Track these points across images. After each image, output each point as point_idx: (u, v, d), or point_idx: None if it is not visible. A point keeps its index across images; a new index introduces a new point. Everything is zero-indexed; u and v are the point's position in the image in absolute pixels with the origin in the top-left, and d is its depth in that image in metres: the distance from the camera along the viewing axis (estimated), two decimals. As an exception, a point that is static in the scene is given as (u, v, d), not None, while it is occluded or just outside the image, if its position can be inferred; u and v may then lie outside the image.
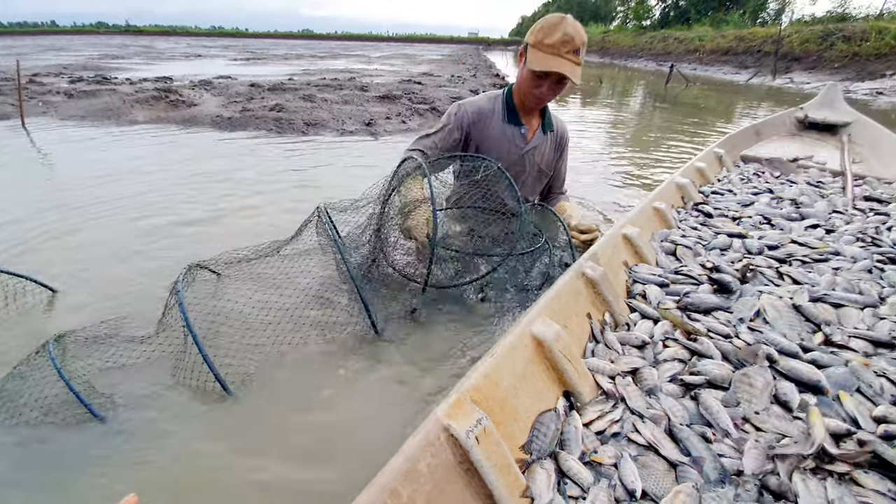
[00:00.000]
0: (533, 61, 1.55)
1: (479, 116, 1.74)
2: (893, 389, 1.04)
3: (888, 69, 12.33)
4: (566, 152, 1.99)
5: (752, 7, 27.12)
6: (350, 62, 17.40)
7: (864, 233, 1.84)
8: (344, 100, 6.05)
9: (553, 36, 1.50)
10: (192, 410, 1.23)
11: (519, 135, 1.77)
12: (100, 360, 1.35)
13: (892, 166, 2.76)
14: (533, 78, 1.60)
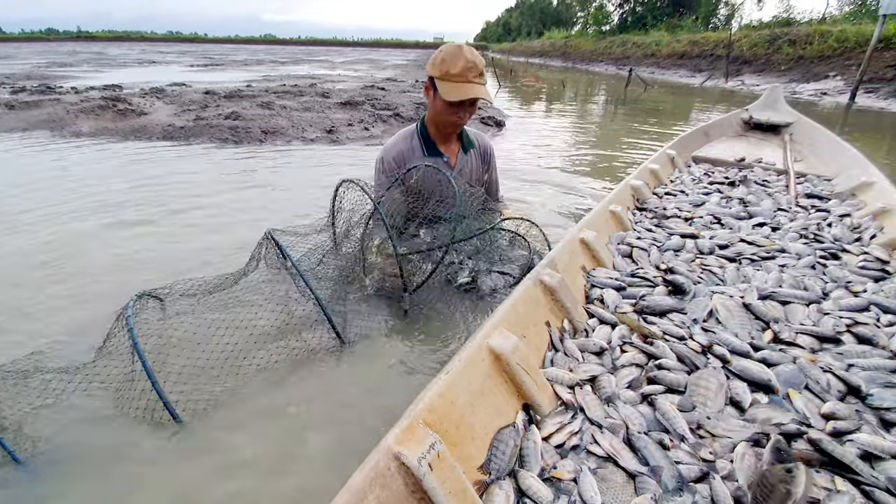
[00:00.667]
0: (447, 92, 1.61)
1: (402, 159, 1.80)
2: (840, 385, 1.07)
3: (831, 71, 13.10)
4: (493, 163, 2.05)
5: (703, 13, 28.38)
6: (313, 68, 17.13)
7: (806, 229, 1.92)
8: (304, 107, 5.92)
9: (457, 65, 1.59)
10: (136, 442, 1.14)
11: (443, 164, 1.83)
12: (30, 397, 1.24)
13: (831, 164, 2.91)
14: (449, 107, 1.66)
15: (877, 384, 1.05)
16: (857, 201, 2.24)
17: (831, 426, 0.97)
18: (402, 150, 1.82)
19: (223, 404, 1.26)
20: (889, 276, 1.52)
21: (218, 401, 1.27)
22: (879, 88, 11.10)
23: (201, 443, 1.15)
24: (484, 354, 1.01)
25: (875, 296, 1.39)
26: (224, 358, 1.36)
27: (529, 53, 38.27)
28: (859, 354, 1.15)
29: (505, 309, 1.15)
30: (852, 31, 13.62)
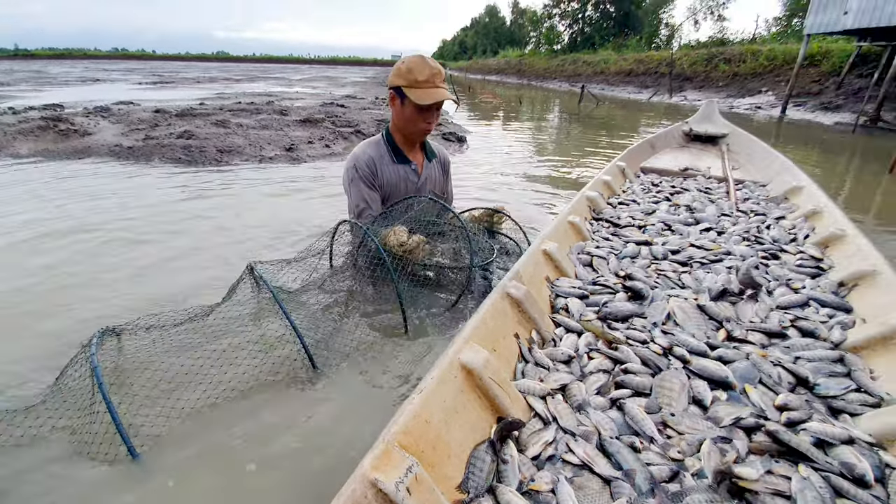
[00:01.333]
0: (420, 97, 1.68)
1: (373, 164, 1.84)
2: (789, 377, 1.14)
3: (763, 86, 14.18)
4: (450, 174, 2.16)
5: (646, 33, 30.24)
6: (269, 85, 16.86)
7: (748, 232, 2.06)
8: (262, 125, 5.80)
9: (424, 72, 1.68)
10: (95, 482, 1.06)
11: (411, 171, 1.90)
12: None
13: (765, 171, 3.14)
14: (419, 113, 1.74)
15: (822, 374, 1.13)
16: (789, 204, 2.43)
17: (786, 417, 1.03)
18: (372, 156, 1.85)
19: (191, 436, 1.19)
20: (823, 272, 1.65)
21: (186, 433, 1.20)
22: (807, 102, 12.10)
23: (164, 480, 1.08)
24: (456, 370, 1.01)
25: (813, 291, 1.50)
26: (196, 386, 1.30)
27: (486, 71, 39.28)
28: (804, 347, 1.24)
29: (474, 323, 1.16)
30: (780, 49, 14.83)
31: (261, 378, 1.38)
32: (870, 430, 0.97)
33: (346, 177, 1.87)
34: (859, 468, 0.88)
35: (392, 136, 1.89)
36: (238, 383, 1.34)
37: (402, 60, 1.73)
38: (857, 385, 1.09)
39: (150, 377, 1.32)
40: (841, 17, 10.63)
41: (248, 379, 1.36)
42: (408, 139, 1.88)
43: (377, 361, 1.50)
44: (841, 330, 1.27)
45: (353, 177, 1.84)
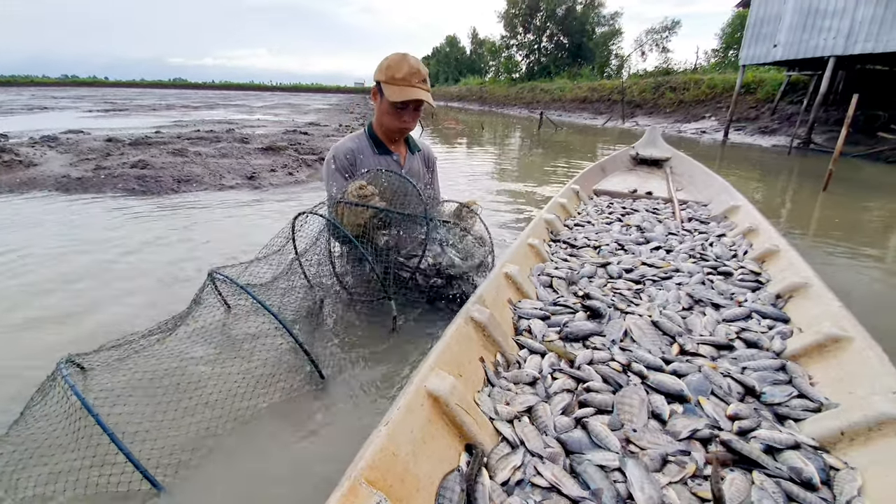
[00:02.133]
0: (392, 94, 1.69)
1: (353, 155, 1.86)
2: (738, 387, 1.20)
3: (707, 112, 15.19)
4: (436, 170, 2.18)
5: (598, 63, 31.98)
6: (230, 112, 16.61)
7: (693, 250, 2.18)
8: (221, 153, 5.68)
9: (402, 70, 1.68)
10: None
11: (393, 162, 1.91)
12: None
13: (705, 191, 3.36)
14: (394, 110, 1.76)
15: (767, 383, 1.20)
16: (729, 222, 2.60)
17: (737, 426, 1.08)
18: (351, 147, 1.86)
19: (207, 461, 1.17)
20: (762, 285, 1.76)
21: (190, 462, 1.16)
22: (746, 126, 13.03)
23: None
24: (423, 399, 1.00)
25: (754, 304, 1.60)
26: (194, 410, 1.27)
27: (448, 98, 40.24)
28: (749, 358, 1.31)
29: (439, 349, 1.16)
30: (719, 79, 15.99)
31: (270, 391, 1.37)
32: (812, 434, 1.03)
33: (325, 170, 1.89)
34: (806, 472, 0.93)
35: (373, 130, 1.91)
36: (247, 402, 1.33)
37: (386, 57, 1.75)
38: (798, 392, 1.16)
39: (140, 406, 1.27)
40: (771, 50, 11.62)
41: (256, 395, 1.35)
42: (387, 135, 1.90)
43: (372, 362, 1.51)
44: (781, 340, 1.36)
45: (330, 168, 1.85)
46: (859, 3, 9.36)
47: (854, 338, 1.19)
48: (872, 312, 2.37)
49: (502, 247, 2.82)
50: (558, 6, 35.59)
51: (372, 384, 1.48)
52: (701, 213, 2.88)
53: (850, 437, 0.98)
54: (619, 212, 2.95)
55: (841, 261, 3.21)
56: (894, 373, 1.05)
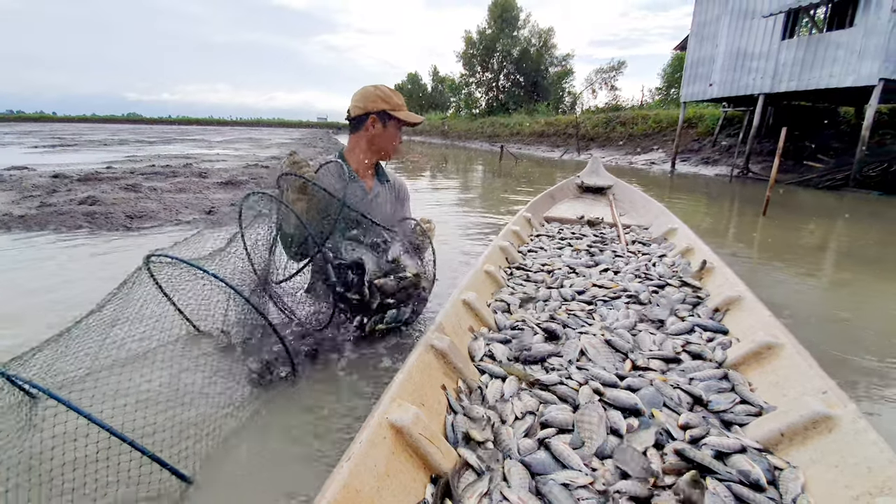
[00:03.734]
0: (409, 117, 1.88)
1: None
2: (687, 398, 1.26)
3: (655, 145, 16.20)
4: (408, 203, 2.22)
5: (553, 100, 33.76)
6: (187, 147, 16.27)
7: (639, 270, 2.30)
8: (178, 188, 5.54)
9: (399, 98, 1.88)
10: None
11: (360, 188, 1.95)
12: None
13: (645, 216, 3.60)
14: (398, 132, 1.93)
15: (712, 391, 1.27)
16: (668, 243, 2.79)
17: (688, 435, 1.12)
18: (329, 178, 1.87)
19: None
20: (702, 300, 1.88)
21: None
22: (690, 157, 13.96)
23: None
24: (385, 431, 0.98)
25: (695, 318, 1.70)
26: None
27: (412, 132, 41.13)
28: (695, 369, 1.38)
29: (401, 379, 1.15)
30: (664, 114, 17.17)
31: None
32: (756, 437, 1.09)
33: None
34: (754, 474, 0.98)
35: (346, 160, 1.96)
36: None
37: (374, 89, 1.85)
38: (741, 398, 1.23)
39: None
40: (707, 88, 12.66)
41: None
42: (375, 159, 1.99)
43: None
44: (722, 350, 1.44)
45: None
46: (781, 48, 10.42)
47: (785, 344, 1.28)
48: (804, 321, 2.56)
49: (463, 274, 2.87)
50: (513, 48, 37.64)
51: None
52: (643, 235, 3.07)
53: (789, 438, 1.05)
54: (568, 237, 3.09)
55: (779, 276, 3.45)
56: (822, 375, 1.14)
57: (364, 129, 1.89)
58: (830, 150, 10.76)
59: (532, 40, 38.45)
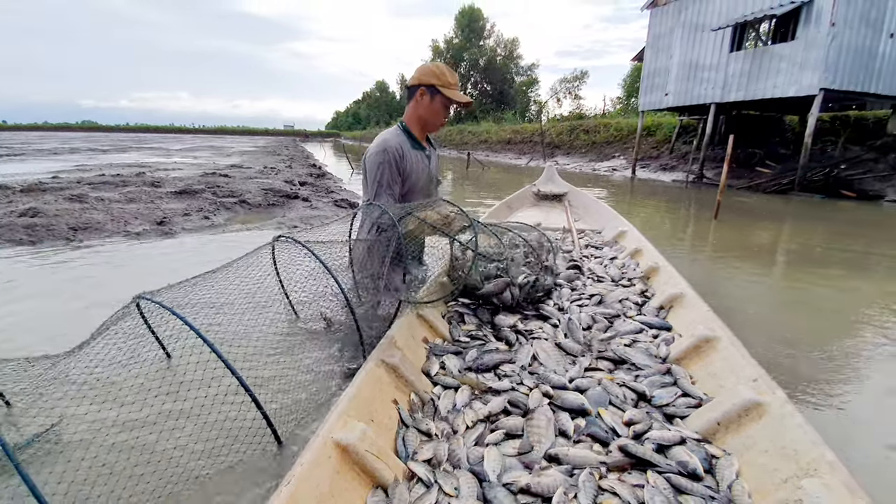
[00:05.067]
0: (457, 96, 2.00)
1: (402, 150, 2.01)
2: (632, 394, 1.28)
3: (616, 152, 16.72)
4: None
5: (520, 108, 34.42)
6: (143, 155, 15.64)
7: (593, 272, 2.34)
8: (128, 198, 5.29)
9: (453, 77, 2.00)
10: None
11: (424, 157, 2.12)
12: None
13: (598, 220, 3.69)
14: (444, 109, 2.03)
15: (656, 386, 1.29)
16: (619, 246, 2.88)
17: (632, 431, 1.14)
18: (399, 141, 2.01)
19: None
20: (648, 299, 1.94)
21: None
22: (650, 164, 14.49)
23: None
24: (330, 450, 0.95)
25: (643, 316, 1.74)
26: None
27: (380, 140, 40.92)
28: (640, 366, 1.41)
29: (349, 396, 1.12)
30: (625, 122, 17.77)
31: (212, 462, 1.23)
32: (696, 428, 1.12)
33: (373, 160, 1.96)
34: (691, 464, 1.01)
35: (409, 128, 2.08)
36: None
37: (430, 64, 2.01)
38: (682, 391, 1.26)
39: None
40: (663, 98, 13.19)
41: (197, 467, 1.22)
42: (424, 130, 2.12)
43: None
44: (665, 346, 1.48)
45: (383, 159, 1.96)
46: (730, 59, 10.99)
47: (721, 337, 1.33)
48: (749, 315, 2.68)
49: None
50: (480, 57, 38.25)
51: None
52: (596, 239, 3.16)
53: (725, 426, 1.08)
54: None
55: (727, 275, 3.60)
56: (754, 364, 1.19)
57: (414, 99, 2.04)
58: (777, 156, 11.39)
59: (498, 50, 39.24)
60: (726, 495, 0.95)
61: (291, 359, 1.73)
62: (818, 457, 0.87)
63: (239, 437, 1.32)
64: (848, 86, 9.17)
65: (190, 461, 1.26)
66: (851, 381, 2.00)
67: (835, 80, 9.03)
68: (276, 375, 1.57)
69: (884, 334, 2.49)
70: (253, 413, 1.26)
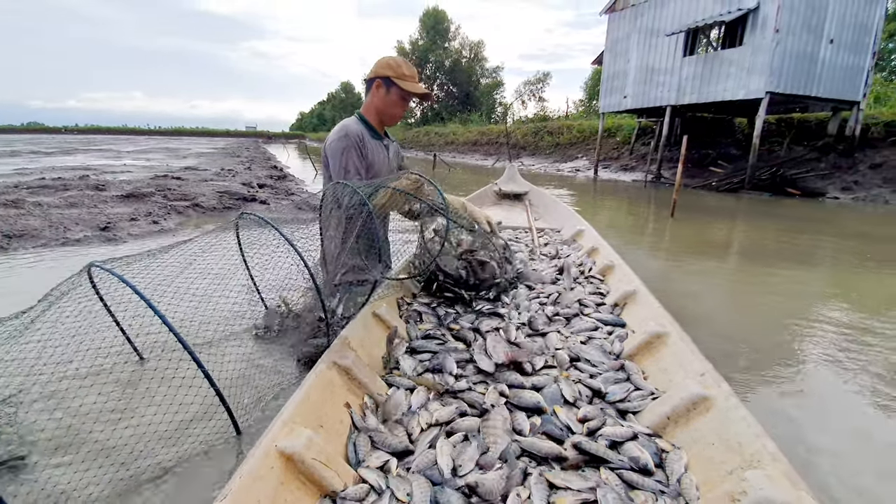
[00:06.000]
0: (409, 87, 1.98)
1: (362, 136, 2.01)
2: (587, 390, 1.28)
3: (579, 153, 17.13)
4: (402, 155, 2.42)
5: (486, 110, 34.75)
6: (90, 158, 14.79)
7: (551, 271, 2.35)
8: (69, 202, 4.95)
9: (409, 69, 1.99)
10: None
11: (383, 146, 2.13)
12: None
13: (557, 219, 3.74)
14: (401, 101, 2.03)
15: (610, 382, 1.29)
16: (577, 244, 2.91)
17: (586, 428, 1.13)
18: (358, 129, 2.01)
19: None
20: (604, 296, 1.95)
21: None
22: (611, 165, 14.91)
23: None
24: (273, 461, 0.89)
25: (598, 314, 1.75)
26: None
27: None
28: (595, 363, 1.40)
29: (295, 401, 1.05)
30: (587, 124, 18.23)
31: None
32: (647, 423, 1.13)
33: (336, 146, 1.96)
34: (642, 459, 1.01)
35: (365, 119, 2.08)
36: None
37: (385, 57, 2.01)
38: (635, 386, 1.26)
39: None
40: (623, 100, 13.60)
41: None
42: (381, 122, 2.11)
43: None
44: (619, 342, 1.49)
45: (346, 145, 1.96)
46: (684, 63, 11.45)
47: (670, 333, 1.35)
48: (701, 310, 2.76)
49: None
50: (445, 59, 38.38)
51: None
52: (555, 238, 3.20)
53: (674, 421, 1.08)
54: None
55: (680, 270, 3.72)
56: (701, 358, 1.20)
57: (371, 91, 2.05)
58: (729, 156, 11.96)
59: (463, 52, 39.49)
60: (675, 489, 0.95)
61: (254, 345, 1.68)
62: (761, 448, 0.88)
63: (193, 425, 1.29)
64: (791, 89, 9.72)
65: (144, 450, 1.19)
66: (796, 372, 2.08)
67: (779, 84, 9.55)
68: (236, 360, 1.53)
69: (827, 326, 2.61)
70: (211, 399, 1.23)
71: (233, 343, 1.78)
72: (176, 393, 1.26)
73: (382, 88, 2.02)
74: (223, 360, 1.50)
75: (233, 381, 1.43)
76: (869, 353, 2.26)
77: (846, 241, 5.17)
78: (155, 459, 1.22)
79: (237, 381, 1.46)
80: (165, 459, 1.23)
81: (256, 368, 1.69)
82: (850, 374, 2.06)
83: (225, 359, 1.55)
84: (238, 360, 1.65)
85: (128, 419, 1.36)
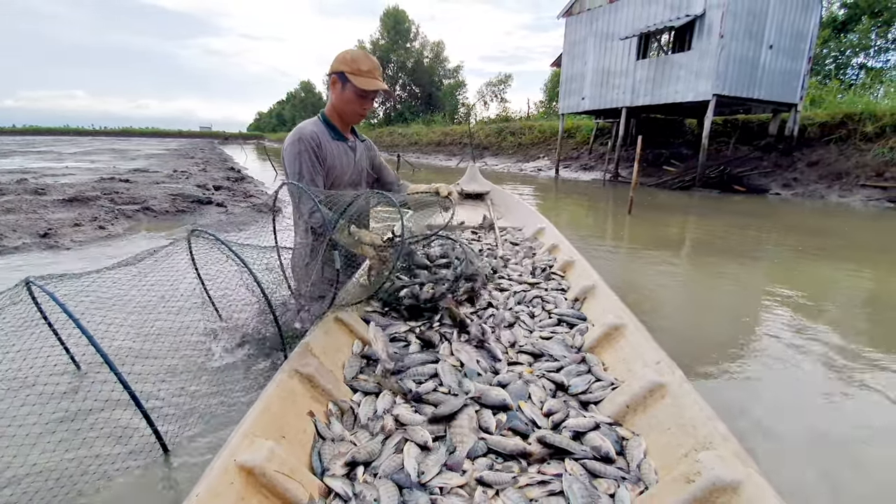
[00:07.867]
0: (362, 83, 1.84)
1: (319, 139, 1.91)
2: (550, 385, 1.30)
3: (541, 153, 17.47)
4: (378, 154, 2.33)
5: (449, 111, 34.88)
6: (29, 160, 13.80)
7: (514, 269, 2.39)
8: (5, 208, 4.58)
9: (367, 63, 1.85)
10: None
11: (347, 148, 2.03)
12: None
13: (519, 218, 3.81)
14: (358, 98, 1.90)
15: (573, 375, 1.33)
16: (538, 242, 2.98)
17: (551, 421, 1.15)
18: (314, 131, 1.90)
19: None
20: (565, 292, 2.01)
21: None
22: (571, 164, 15.30)
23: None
24: (232, 476, 0.85)
25: (560, 310, 1.79)
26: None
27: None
28: (558, 357, 1.44)
29: (255, 412, 1.02)
30: (547, 125, 18.62)
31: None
32: (608, 412, 1.17)
33: (290, 150, 1.86)
34: (604, 448, 1.04)
35: (328, 118, 1.99)
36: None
37: (345, 51, 1.88)
38: (596, 378, 1.31)
39: None
40: (581, 102, 13.98)
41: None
42: (343, 122, 2.01)
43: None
44: (580, 336, 1.53)
45: (299, 150, 1.85)
46: (638, 66, 11.90)
47: (627, 324, 1.40)
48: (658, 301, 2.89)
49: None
50: (407, 59, 38.25)
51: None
52: (517, 236, 3.25)
53: (633, 409, 1.13)
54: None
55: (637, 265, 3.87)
56: (656, 347, 1.25)
57: (331, 89, 1.96)
58: (681, 156, 12.52)
59: (425, 52, 39.46)
60: (636, 474, 0.98)
61: (201, 360, 1.61)
62: (712, 430, 0.92)
63: (119, 445, 1.22)
64: (736, 91, 10.29)
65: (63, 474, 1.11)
66: (743, 355, 2.21)
67: (725, 87, 10.10)
68: (167, 378, 1.46)
69: (771, 313, 2.79)
70: (138, 418, 1.17)
71: (176, 358, 1.69)
72: (103, 407, 1.20)
73: (339, 84, 1.92)
74: (163, 377, 1.44)
75: (168, 398, 1.37)
76: (808, 333, 2.44)
77: (788, 235, 5.53)
78: (79, 479, 1.15)
79: (173, 397, 1.40)
80: (92, 478, 1.17)
81: (198, 383, 1.62)
82: (792, 353, 2.21)
83: (167, 374, 1.49)
84: (178, 375, 1.58)
85: (49, 434, 1.29)
